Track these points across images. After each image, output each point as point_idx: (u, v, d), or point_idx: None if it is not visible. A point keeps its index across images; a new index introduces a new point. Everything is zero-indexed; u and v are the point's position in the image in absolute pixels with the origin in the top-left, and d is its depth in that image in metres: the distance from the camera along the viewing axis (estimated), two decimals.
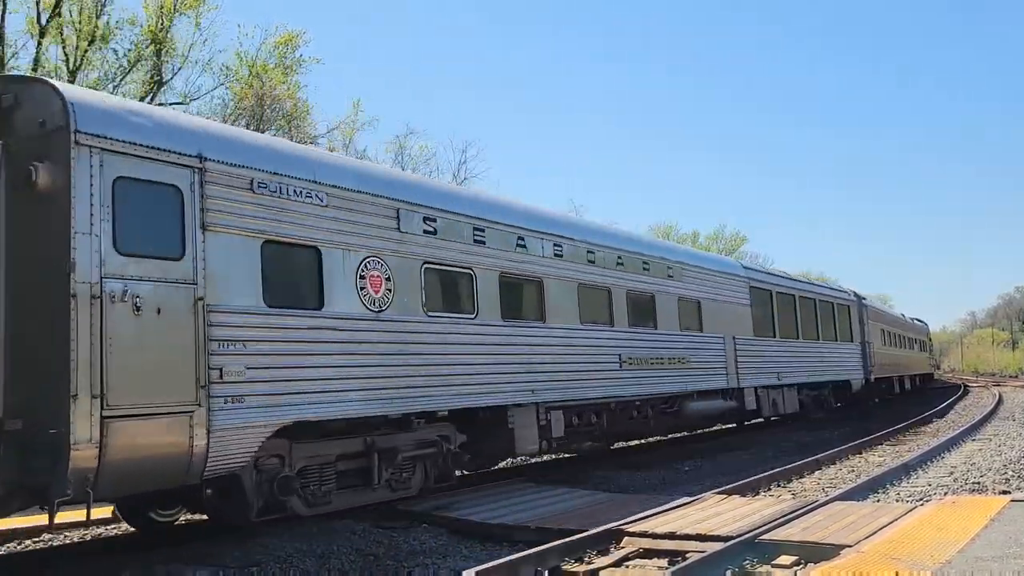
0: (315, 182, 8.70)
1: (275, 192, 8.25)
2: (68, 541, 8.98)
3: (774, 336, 19.51)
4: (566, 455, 15.84)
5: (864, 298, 29.46)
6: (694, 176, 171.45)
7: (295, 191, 8.45)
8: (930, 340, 56.46)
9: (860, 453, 15.27)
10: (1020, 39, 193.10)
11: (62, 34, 24.90)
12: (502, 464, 14.37)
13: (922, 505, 8.51)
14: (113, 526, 9.61)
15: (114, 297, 6.66)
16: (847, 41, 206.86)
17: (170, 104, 27.71)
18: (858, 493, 9.97)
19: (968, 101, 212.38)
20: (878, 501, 9.71)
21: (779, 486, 11.58)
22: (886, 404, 31.52)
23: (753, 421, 21.33)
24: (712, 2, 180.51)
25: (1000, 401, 29.97)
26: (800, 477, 12.36)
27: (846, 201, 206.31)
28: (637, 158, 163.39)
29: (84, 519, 9.14)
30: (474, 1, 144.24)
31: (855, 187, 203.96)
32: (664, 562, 6.98)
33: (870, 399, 30.45)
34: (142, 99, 26.31)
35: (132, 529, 9.49)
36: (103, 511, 9.10)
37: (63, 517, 8.64)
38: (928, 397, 36.47)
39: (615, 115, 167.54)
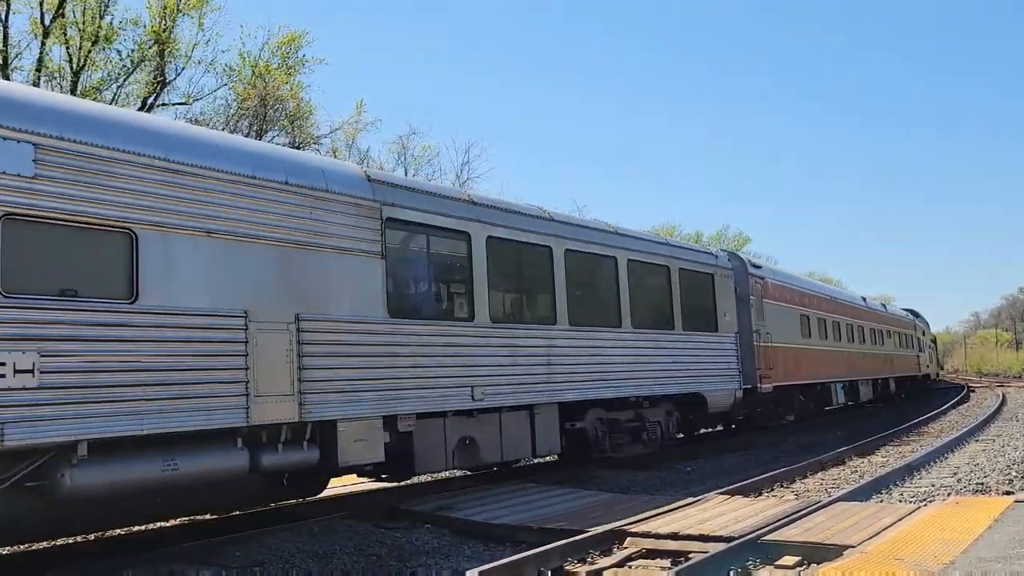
0: None
1: None
2: (70, 541, 8.99)
3: (470, 319, 10.54)
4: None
5: (758, 266, 20.03)
6: (697, 177, 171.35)
7: None
8: (926, 336, 44.26)
9: (863, 454, 15.24)
10: None
11: (66, 34, 24.90)
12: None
13: (925, 506, 8.49)
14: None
15: None
16: (849, 40, 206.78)
17: (173, 104, 27.77)
18: (861, 493, 9.95)
19: (971, 99, 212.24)
20: (881, 502, 9.70)
21: (782, 487, 11.58)
22: (798, 432, 20.19)
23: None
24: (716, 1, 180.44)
25: (1004, 402, 29.92)
26: (803, 478, 12.35)
27: (848, 203, 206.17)
28: (640, 159, 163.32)
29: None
30: (477, 1, 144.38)
31: (857, 189, 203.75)
32: (667, 562, 6.97)
33: (768, 420, 19.87)
34: (145, 100, 26.37)
35: (135, 529, 9.50)
36: None
37: None
38: (901, 412, 27.15)
39: (615, 115, 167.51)
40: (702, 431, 18.90)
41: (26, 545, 8.68)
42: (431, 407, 9.83)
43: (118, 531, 9.47)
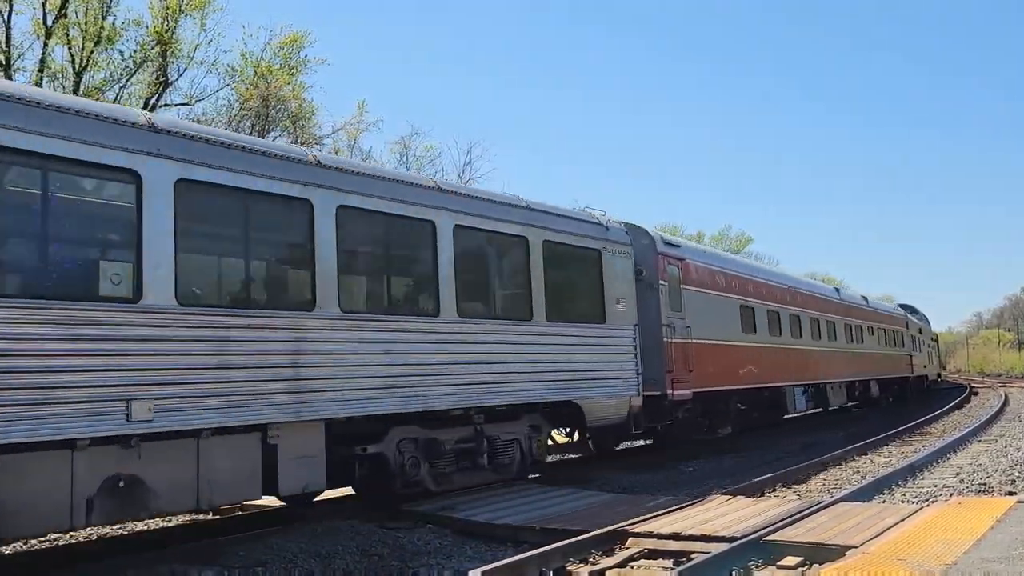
0: None
1: None
2: (72, 541, 9.00)
3: (133, 299, 7.22)
4: (571, 455, 15.82)
5: (675, 244, 16.79)
6: (700, 178, 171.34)
7: None
8: (924, 334, 40.44)
9: (865, 454, 15.23)
10: None
11: (68, 35, 24.94)
12: None
13: (928, 506, 8.48)
14: (118, 526, 9.63)
15: None
16: (852, 40, 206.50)
17: (175, 105, 27.79)
18: (863, 494, 9.94)
19: (974, 99, 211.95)
20: (883, 502, 9.69)
21: (784, 487, 11.57)
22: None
23: None
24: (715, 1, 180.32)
25: (1006, 402, 29.90)
26: (805, 478, 12.34)
27: (851, 203, 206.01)
28: (642, 159, 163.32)
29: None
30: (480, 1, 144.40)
31: (860, 189, 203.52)
32: (669, 563, 6.96)
33: (689, 433, 16.46)
34: (147, 100, 26.39)
35: (136, 529, 9.52)
36: None
37: None
38: (888, 419, 23.42)
39: (618, 115, 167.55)
40: (625, 445, 16.85)
41: (28, 545, 8.70)
42: (36, 434, 6.42)
43: (120, 531, 9.49)
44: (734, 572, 6.47)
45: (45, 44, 24.26)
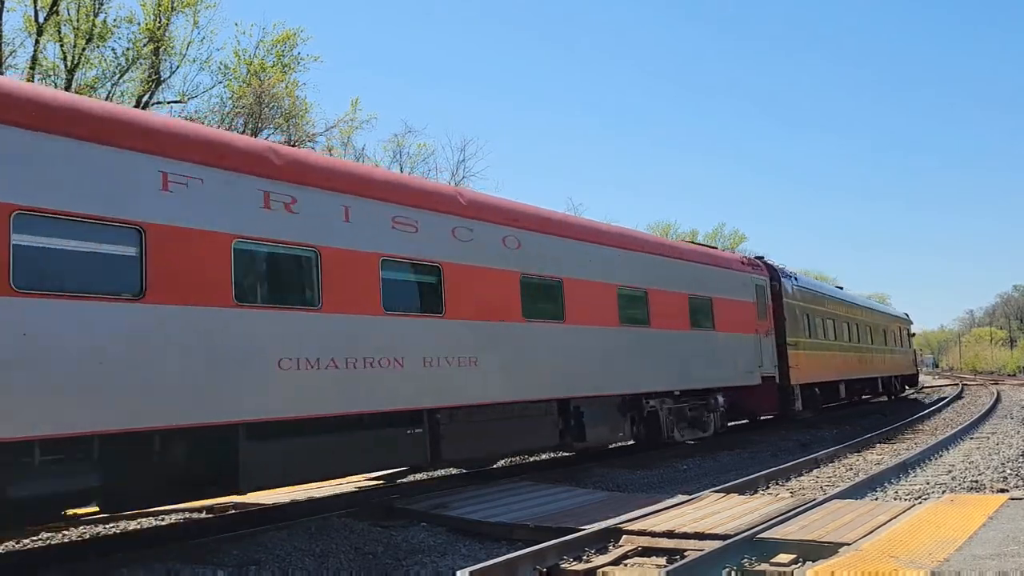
0: None
1: None
2: (66, 540, 8.97)
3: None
4: (565, 453, 15.81)
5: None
6: (693, 177, 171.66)
7: None
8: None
9: (858, 452, 15.28)
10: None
11: (60, 32, 24.82)
12: (500, 463, 14.39)
13: (920, 504, 8.51)
14: (111, 524, 9.61)
15: None
16: (845, 42, 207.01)
17: (168, 103, 27.68)
18: (856, 491, 9.98)
19: (965, 101, 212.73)
20: (876, 500, 9.72)
21: (777, 484, 11.59)
22: None
23: None
24: (711, 5, 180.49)
25: (998, 399, 30.02)
26: (798, 476, 12.37)
27: (844, 202, 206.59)
28: (636, 158, 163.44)
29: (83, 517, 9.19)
30: (475, 1, 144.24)
31: (852, 189, 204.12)
32: (663, 560, 6.98)
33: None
34: (140, 98, 26.29)
35: (131, 527, 9.50)
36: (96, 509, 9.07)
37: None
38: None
39: (614, 115, 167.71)
40: None
41: (20, 544, 8.67)
42: None
43: (114, 529, 9.46)
44: (727, 569, 6.49)
45: (37, 41, 24.14)
